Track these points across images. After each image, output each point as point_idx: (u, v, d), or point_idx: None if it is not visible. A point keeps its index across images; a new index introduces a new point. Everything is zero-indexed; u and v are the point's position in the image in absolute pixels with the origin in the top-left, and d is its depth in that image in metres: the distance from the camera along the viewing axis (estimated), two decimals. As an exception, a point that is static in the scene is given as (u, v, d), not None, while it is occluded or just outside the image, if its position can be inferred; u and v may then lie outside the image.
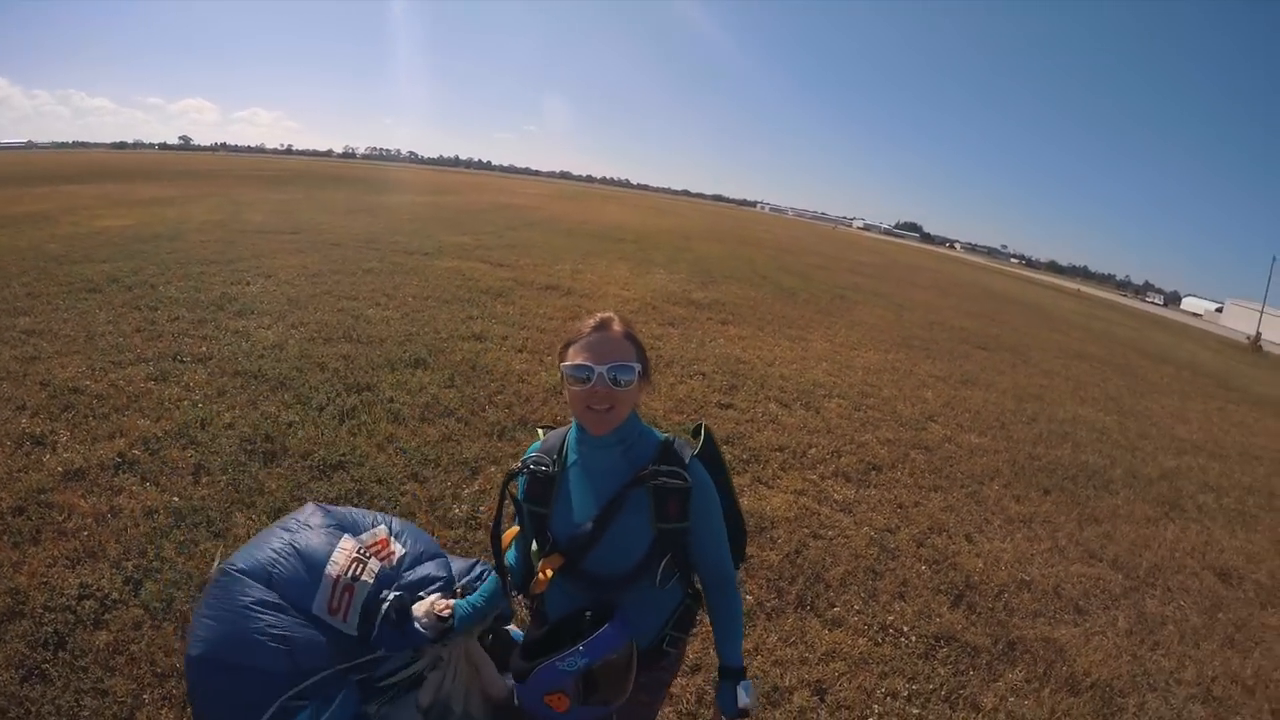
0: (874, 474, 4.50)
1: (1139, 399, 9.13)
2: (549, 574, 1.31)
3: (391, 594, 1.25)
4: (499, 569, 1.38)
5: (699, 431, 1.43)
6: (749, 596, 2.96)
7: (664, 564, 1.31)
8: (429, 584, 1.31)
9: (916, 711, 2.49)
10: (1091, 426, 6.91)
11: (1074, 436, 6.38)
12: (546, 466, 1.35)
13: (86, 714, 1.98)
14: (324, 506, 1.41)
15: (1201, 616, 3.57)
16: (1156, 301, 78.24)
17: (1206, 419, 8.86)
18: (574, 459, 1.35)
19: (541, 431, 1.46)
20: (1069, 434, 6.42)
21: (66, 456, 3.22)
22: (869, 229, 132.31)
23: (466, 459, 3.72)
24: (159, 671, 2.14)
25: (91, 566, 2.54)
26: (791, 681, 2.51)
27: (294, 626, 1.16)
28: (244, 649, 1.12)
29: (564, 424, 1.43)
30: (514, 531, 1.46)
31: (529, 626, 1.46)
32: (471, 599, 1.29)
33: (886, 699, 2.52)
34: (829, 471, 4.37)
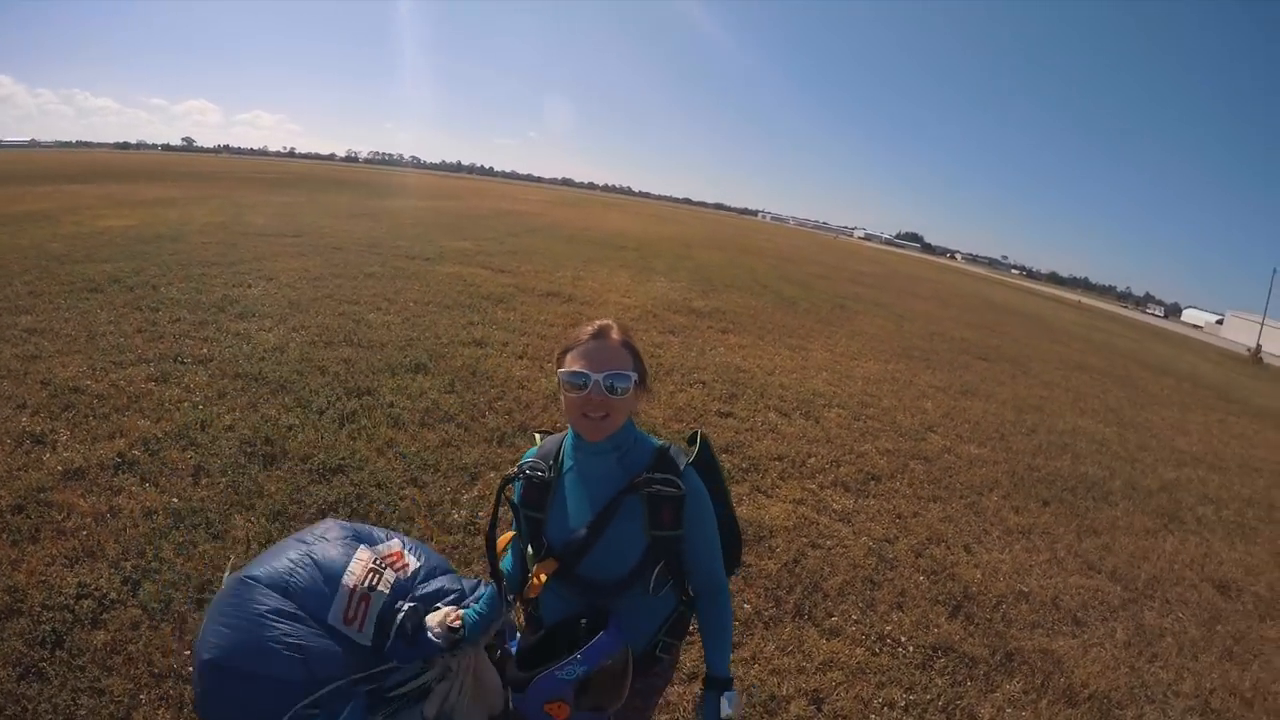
0: (873, 484, 4.49)
1: (1139, 411, 9.13)
2: (543, 578, 1.32)
3: (406, 605, 1.25)
4: (494, 574, 1.39)
5: (695, 439, 1.44)
6: (747, 605, 2.96)
7: (657, 571, 1.33)
8: (443, 596, 1.32)
9: (913, 722, 2.49)
10: (1091, 438, 6.91)
11: (1074, 448, 6.38)
12: (542, 472, 1.36)
13: (83, 713, 1.98)
14: (342, 522, 1.42)
15: (1200, 629, 3.56)
16: (1157, 313, 78.40)
17: (1206, 431, 8.86)
18: (570, 465, 1.36)
19: (539, 436, 1.47)
20: (1069, 445, 6.43)
21: (66, 456, 3.23)
22: (870, 239, 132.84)
23: (466, 464, 3.73)
24: (156, 672, 2.14)
25: (90, 566, 2.55)
26: (789, 691, 2.50)
27: (310, 636, 1.16)
28: (259, 657, 1.11)
29: (562, 430, 1.44)
30: (509, 536, 1.46)
31: (523, 633, 1.47)
32: (476, 607, 1.29)
33: (884, 709, 2.51)
34: (828, 481, 4.37)
